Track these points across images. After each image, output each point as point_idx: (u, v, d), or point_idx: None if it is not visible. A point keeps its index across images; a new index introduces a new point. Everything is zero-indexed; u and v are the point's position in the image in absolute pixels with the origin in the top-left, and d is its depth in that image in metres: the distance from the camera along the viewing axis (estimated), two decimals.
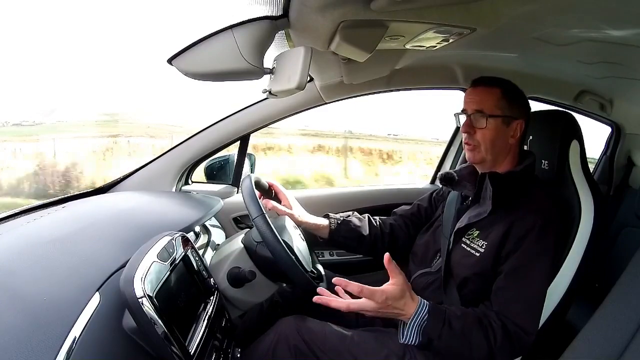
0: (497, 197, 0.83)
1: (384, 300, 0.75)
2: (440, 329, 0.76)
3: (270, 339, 0.85)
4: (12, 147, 7.50)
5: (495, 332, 0.76)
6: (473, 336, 0.76)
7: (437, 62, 1.28)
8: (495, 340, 0.76)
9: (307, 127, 8.75)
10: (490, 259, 0.82)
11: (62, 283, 0.59)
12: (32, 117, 9.19)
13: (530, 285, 0.79)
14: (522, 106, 0.90)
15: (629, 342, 0.64)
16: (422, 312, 0.77)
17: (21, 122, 8.92)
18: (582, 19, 0.73)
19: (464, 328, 0.76)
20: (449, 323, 0.76)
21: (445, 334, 0.76)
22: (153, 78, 8.48)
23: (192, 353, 0.63)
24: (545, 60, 1.10)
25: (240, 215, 1.40)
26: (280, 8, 0.64)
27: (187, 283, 0.74)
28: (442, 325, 0.76)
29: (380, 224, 1.10)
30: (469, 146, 0.90)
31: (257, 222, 0.84)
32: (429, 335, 0.76)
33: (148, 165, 1.30)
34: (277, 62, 0.70)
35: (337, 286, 0.79)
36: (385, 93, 1.40)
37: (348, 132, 8.99)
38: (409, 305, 0.77)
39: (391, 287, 0.76)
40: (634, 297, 0.71)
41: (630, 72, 1.03)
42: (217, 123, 1.31)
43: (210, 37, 0.65)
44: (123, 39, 15.19)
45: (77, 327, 0.52)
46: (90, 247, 0.70)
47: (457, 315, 0.78)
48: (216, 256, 1.02)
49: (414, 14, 0.63)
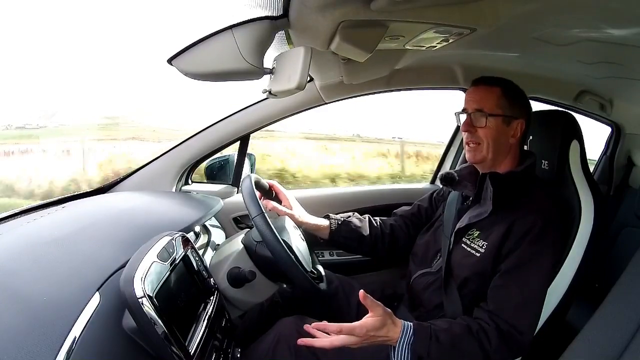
0: (498, 197, 0.83)
1: (364, 333, 0.74)
2: (427, 345, 0.76)
3: (270, 339, 0.84)
4: (19, 149, 7.51)
5: (488, 336, 0.76)
6: (465, 345, 0.76)
7: (437, 62, 1.28)
8: (490, 344, 0.76)
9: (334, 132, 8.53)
10: (490, 259, 0.83)
11: (62, 283, 0.59)
12: (34, 121, 9.20)
13: (527, 285, 0.79)
14: (522, 106, 0.90)
15: (629, 342, 0.64)
16: (408, 334, 0.77)
17: (24, 125, 8.94)
18: (582, 19, 0.73)
19: (453, 339, 0.77)
20: (435, 338, 0.76)
21: (434, 349, 0.76)
22: (156, 79, 8.49)
23: (192, 353, 0.63)
24: (545, 60, 1.10)
25: (240, 215, 1.40)
26: (280, 8, 0.64)
27: (187, 283, 0.74)
28: (429, 340, 0.76)
29: (381, 224, 1.10)
30: (469, 145, 0.90)
31: (256, 222, 0.84)
32: (418, 353, 0.76)
33: (148, 165, 1.30)
34: (277, 62, 0.70)
35: (316, 330, 0.77)
36: (385, 93, 1.40)
37: (356, 135, 8.96)
38: (393, 331, 0.76)
39: (370, 319, 0.75)
40: (634, 297, 0.70)
41: (630, 72, 1.03)
42: (217, 123, 1.31)
43: (210, 37, 0.65)
44: (123, 40, 15.19)
45: (77, 327, 0.52)
46: (90, 247, 0.70)
47: (444, 329, 0.78)
48: (216, 256, 1.02)
49: (414, 14, 0.63)
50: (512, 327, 0.77)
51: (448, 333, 0.77)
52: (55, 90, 10.76)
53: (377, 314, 0.75)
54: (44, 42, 13.10)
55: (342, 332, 0.74)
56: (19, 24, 13.13)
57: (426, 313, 0.92)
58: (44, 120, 9.25)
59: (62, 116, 9.76)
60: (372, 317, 0.76)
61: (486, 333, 0.77)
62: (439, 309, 0.89)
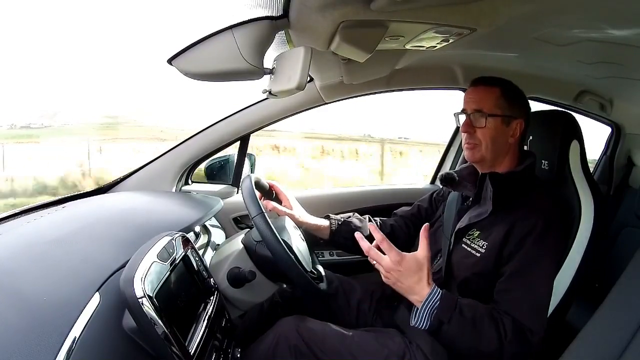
0: (498, 197, 0.83)
1: (397, 262, 0.76)
2: (451, 313, 0.76)
3: (270, 339, 0.85)
4: (24, 148, 7.52)
5: (505, 326, 0.75)
6: (484, 327, 0.75)
7: (437, 62, 1.28)
8: (506, 334, 0.75)
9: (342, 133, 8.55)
10: (491, 259, 0.82)
11: (62, 283, 0.59)
12: (37, 120, 9.22)
13: (534, 286, 0.79)
14: (521, 106, 0.90)
15: (629, 342, 0.64)
16: (435, 298, 0.77)
17: (29, 125, 8.96)
18: (582, 19, 0.73)
19: (475, 317, 0.76)
20: (460, 309, 0.76)
21: (456, 319, 0.75)
22: (156, 79, 8.48)
23: (192, 353, 0.63)
24: (545, 60, 1.10)
25: (240, 215, 1.40)
26: (280, 8, 0.64)
27: (187, 283, 0.74)
28: (454, 310, 0.76)
29: (381, 224, 1.10)
30: (468, 145, 0.90)
31: (256, 221, 0.84)
32: (439, 317, 0.76)
33: (148, 165, 1.30)
34: (277, 62, 0.70)
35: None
36: (385, 93, 1.40)
37: (367, 135, 8.98)
38: (422, 287, 0.77)
39: (411, 256, 0.77)
40: (634, 297, 0.70)
41: (630, 72, 1.03)
42: (217, 123, 1.31)
43: (210, 37, 0.65)
44: (124, 40, 15.20)
45: (77, 327, 0.52)
46: (90, 247, 0.70)
47: (469, 305, 0.78)
48: (216, 256, 1.02)
49: (414, 14, 0.63)
50: (526, 328, 0.76)
51: (472, 310, 0.77)
52: (56, 90, 10.78)
53: (420, 257, 0.77)
54: (47, 42, 13.14)
55: (382, 244, 0.78)
56: (22, 25, 13.17)
57: None
58: (47, 120, 9.28)
59: (64, 116, 9.78)
60: (413, 256, 0.78)
61: (504, 324, 0.76)
62: None
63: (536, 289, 0.79)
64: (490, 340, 0.75)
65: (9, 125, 8.77)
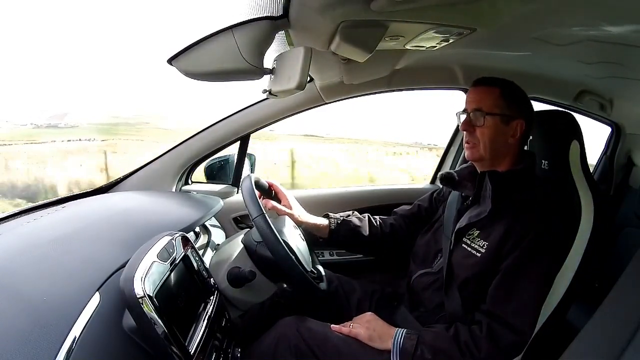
0: (497, 195, 0.83)
1: (365, 321, 0.87)
2: (412, 356, 0.79)
3: (270, 339, 0.85)
4: (35, 149, 7.53)
5: (477, 345, 0.77)
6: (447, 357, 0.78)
7: (437, 62, 1.28)
8: (480, 352, 0.77)
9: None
10: (491, 259, 0.82)
11: (62, 283, 0.59)
12: (47, 120, 9.26)
13: (526, 285, 0.79)
14: (523, 106, 0.90)
15: (629, 342, 0.63)
16: (399, 342, 0.82)
17: (40, 125, 9.00)
18: (582, 19, 0.73)
19: (436, 355, 0.79)
20: (421, 352, 0.79)
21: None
22: (157, 79, 8.47)
23: (192, 353, 0.63)
24: (545, 60, 1.10)
25: (240, 215, 1.40)
26: (280, 8, 0.64)
27: (187, 283, 0.74)
28: (413, 355, 0.79)
29: (381, 223, 1.10)
30: (468, 144, 0.90)
31: (257, 222, 0.84)
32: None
33: (148, 165, 1.30)
34: (277, 62, 0.70)
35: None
36: (385, 93, 1.40)
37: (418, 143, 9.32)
38: (388, 328, 0.86)
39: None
40: (634, 297, 0.70)
41: (630, 72, 1.03)
42: (217, 123, 1.31)
43: (210, 37, 0.65)
44: (125, 40, 15.17)
45: (77, 326, 0.52)
46: (90, 247, 0.70)
47: (430, 344, 0.80)
48: (216, 256, 1.02)
49: (414, 14, 0.63)
50: (507, 327, 0.77)
51: (432, 349, 0.79)
52: (66, 91, 10.84)
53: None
54: (60, 45, 13.19)
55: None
56: (37, 28, 13.24)
57: (426, 313, 0.92)
58: (56, 120, 9.33)
59: (73, 117, 9.83)
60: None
61: (475, 343, 0.78)
62: (440, 309, 0.89)
63: (527, 288, 0.79)
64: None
65: (19, 125, 8.81)
